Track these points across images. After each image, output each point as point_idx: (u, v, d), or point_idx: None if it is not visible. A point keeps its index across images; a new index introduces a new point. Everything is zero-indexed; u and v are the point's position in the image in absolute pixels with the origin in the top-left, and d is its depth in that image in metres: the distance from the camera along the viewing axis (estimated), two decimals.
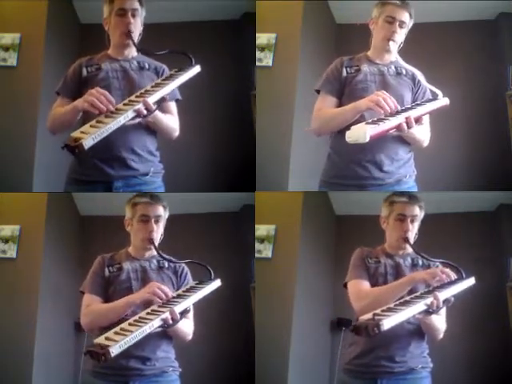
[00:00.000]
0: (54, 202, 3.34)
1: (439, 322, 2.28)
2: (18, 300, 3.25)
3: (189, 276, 2.36)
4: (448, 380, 3.24)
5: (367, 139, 2.13)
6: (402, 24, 2.40)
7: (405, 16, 2.40)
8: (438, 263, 2.33)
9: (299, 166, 3.46)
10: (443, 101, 2.33)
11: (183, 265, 2.37)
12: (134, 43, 2.40)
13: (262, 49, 3.48)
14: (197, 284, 2.28)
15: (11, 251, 3.32)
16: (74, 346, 3.49)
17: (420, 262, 2.36)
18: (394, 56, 2.46)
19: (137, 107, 2.19)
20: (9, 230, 3.35)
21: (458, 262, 2.27)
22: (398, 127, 2.21)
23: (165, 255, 2.31)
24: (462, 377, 3.48)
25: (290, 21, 3.50)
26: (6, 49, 3.39)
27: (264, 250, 3.38)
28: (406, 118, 2.21)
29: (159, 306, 2.11)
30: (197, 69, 2.37)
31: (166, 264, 2.35)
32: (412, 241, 2.35)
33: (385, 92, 2.26)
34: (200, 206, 3.59)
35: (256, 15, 3.31)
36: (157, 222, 2.32)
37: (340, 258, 3.51)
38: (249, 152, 3.29)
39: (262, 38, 3.47)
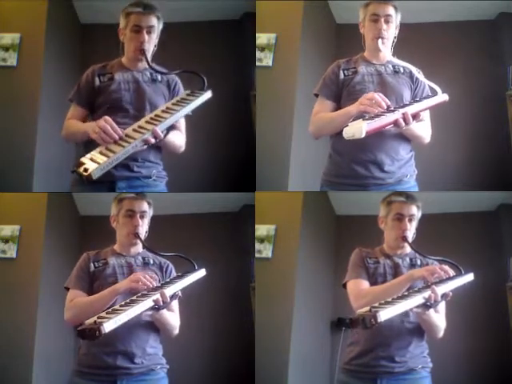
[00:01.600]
0: (54, 201, 3.34)
1: (439, 319, 2.28)
2: (18, 300, 3.25)
3: (174, 272, 2.37)
4: (448, 380, 3.24)
5: (363, 135, 2.13)
6: (387, 18, 2.39)
7: (389, 10, 2.39)
8: (436, 262, 2.33)
9: (299, 166, 3.46)
10: (442, 97, 2.31)
11: (168, 261, 2.38)
12: (146, 60, 2.38)
13: (262, 49, 3.48)
14: (182, 274, 2.28)
15: (11, 251, 3.32)
16: (74, 346, 3.48)
17: (419, 262, 2.37)
18: (390, 55, 2.45)
19: (145, 137, 2.19)
20: (9, 229, 3.35)
21: (457, 262, 2.27)
22: (395, 123, 2.19)
23: (150, 248, 2.31)
24: (462, 376, 3.47)
25: (290, 21, 3.50)
26: (6, 49, 3.38)
27: (264, 250, 3.37)
28: (403, 114, 2.19)
29: (148, 291, 2.11)
30: (208, 94, 2.34)
31: (152, 260, 2.36)
32: (410, 240, 2.35)
33: (374, 93, 2.25)
34: (200, 206, 3.59)
35: (256, 15, 3.31)
36: (142, 217, 2.32)
37: (340, 258, 3.51)
38: (249, 152, 3.29)
39: (262, 38, 3.47)
